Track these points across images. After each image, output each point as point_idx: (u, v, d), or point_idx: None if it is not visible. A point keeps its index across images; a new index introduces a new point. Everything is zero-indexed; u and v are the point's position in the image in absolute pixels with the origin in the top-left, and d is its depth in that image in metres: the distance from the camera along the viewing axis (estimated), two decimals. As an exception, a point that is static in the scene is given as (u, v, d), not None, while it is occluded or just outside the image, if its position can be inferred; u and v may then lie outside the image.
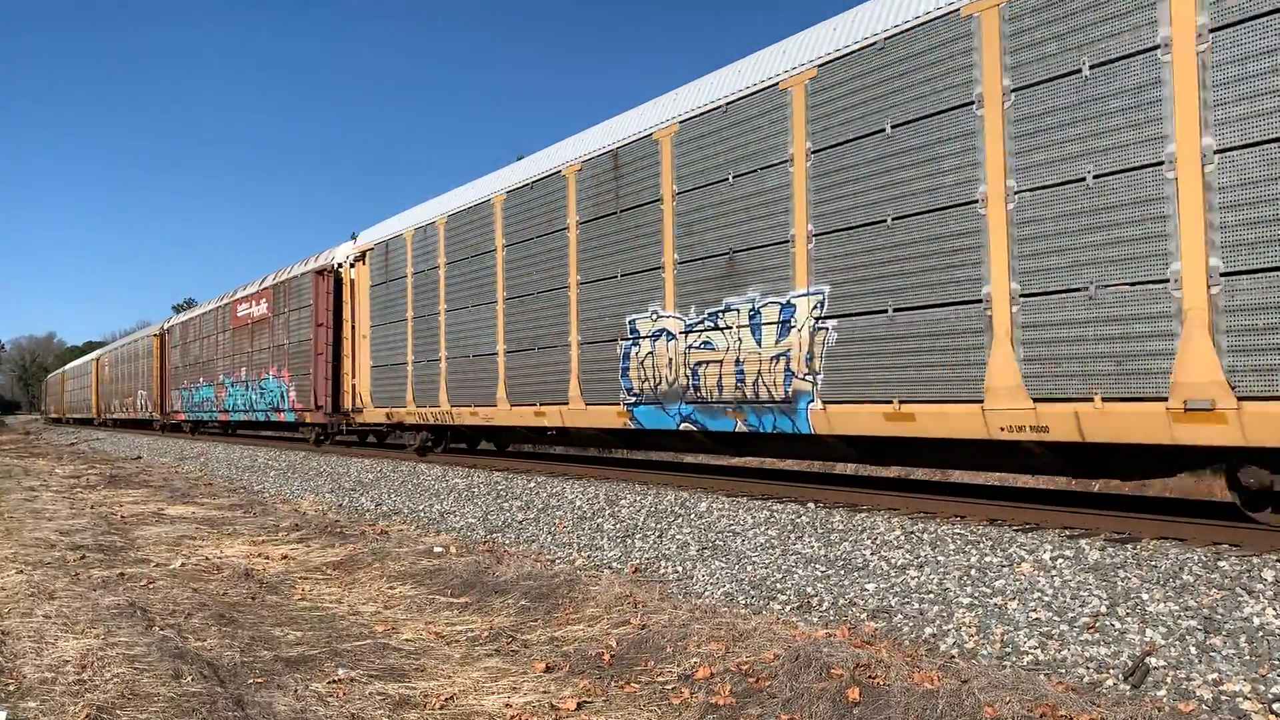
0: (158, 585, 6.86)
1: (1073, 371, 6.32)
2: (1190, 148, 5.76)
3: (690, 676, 4.39)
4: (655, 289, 10.07)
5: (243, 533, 9.57)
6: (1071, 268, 6.34)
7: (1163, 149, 5.90)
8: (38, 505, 12.31)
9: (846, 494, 8.98)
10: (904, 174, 7.44)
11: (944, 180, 7.14)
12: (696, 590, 6.36)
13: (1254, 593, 4.84)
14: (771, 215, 8.67)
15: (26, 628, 5.49)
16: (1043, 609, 5.05)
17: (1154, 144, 5.94)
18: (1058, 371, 6.40)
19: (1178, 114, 5.82)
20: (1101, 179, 6.18)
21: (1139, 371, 5.99)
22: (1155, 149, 5.94)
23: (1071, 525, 6.86)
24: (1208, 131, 5.69)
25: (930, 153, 7.24)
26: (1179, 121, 5.82)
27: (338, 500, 12.37)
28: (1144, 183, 5.99)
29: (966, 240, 6.98)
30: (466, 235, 13.88)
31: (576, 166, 11.34)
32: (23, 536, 9.28)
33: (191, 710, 4.04)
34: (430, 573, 7.04)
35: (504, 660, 4.91)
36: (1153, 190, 5.94)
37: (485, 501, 10.87)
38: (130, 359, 39.92)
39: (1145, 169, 5.98)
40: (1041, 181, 6.51)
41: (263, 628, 5.65)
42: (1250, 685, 3.91)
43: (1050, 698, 3.73)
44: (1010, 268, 6.68)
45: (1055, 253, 6.42)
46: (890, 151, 7.55)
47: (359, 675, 4.65)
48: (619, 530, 8.43)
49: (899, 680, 3.97)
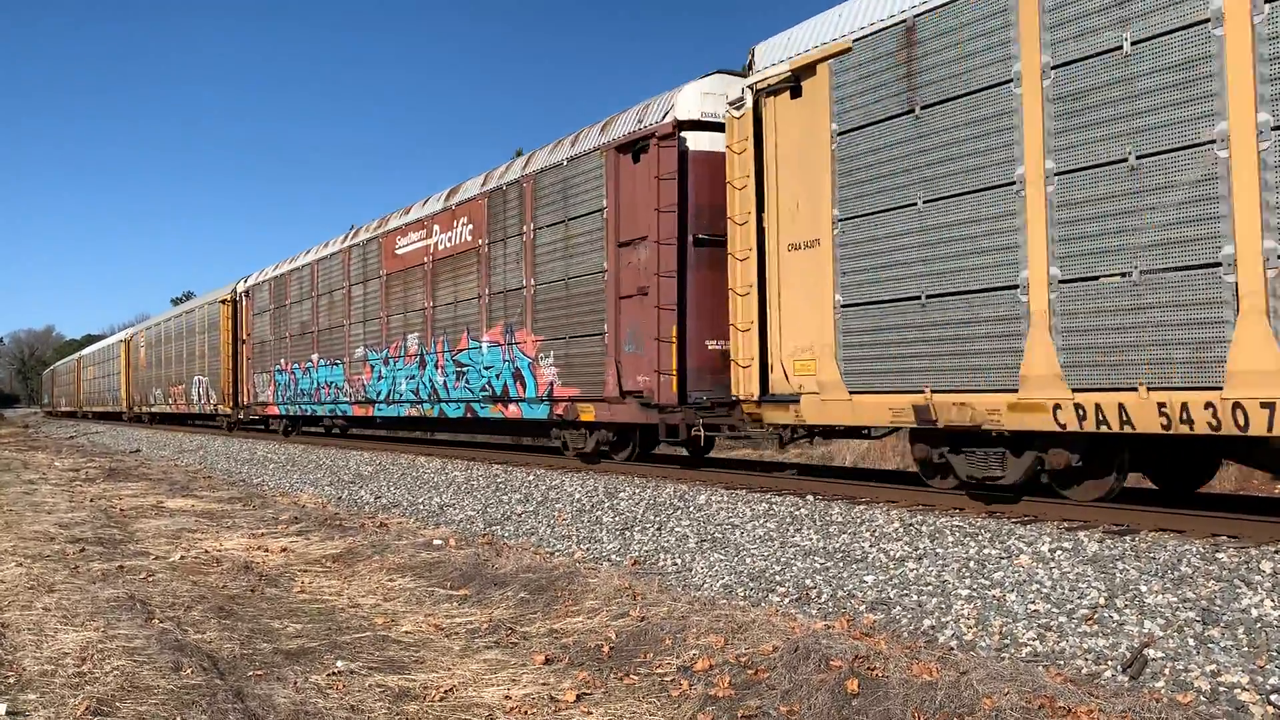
0: (157, 578, 6.87)
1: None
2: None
3: (689, 668, 4.40)
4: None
5: (242, 526, 9.57)
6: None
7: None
8: (37, 498, 12.32)
9: (845, 486, 8.99)
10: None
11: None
12: (695, 582, 6.36)
13: (1252, 584, 4.85)
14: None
15: (26, 620, 5.49)
16: (1041, 601, 5.06)
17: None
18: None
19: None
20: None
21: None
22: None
23: (1070, 517, 6.87)
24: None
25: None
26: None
27: (337, 493, 12.38)
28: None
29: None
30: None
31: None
32: (22, 530, 9.29)
33: (191, 702, 4.05)
34: (430, 565, 7.05)
35: (503, 652, 4.92)
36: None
37: (484, 494, 10.87)
38: (180, 335, 31.45)
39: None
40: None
41: (262, 620, 5.66)
42: (1248, 676, 3.92)
43: (1049, 689, 3.73)
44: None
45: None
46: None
47: (358, 667, 4.65)
48: (618, 523, 8.44)
49: (898, 672, 3.97)
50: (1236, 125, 5.58)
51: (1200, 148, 5.75)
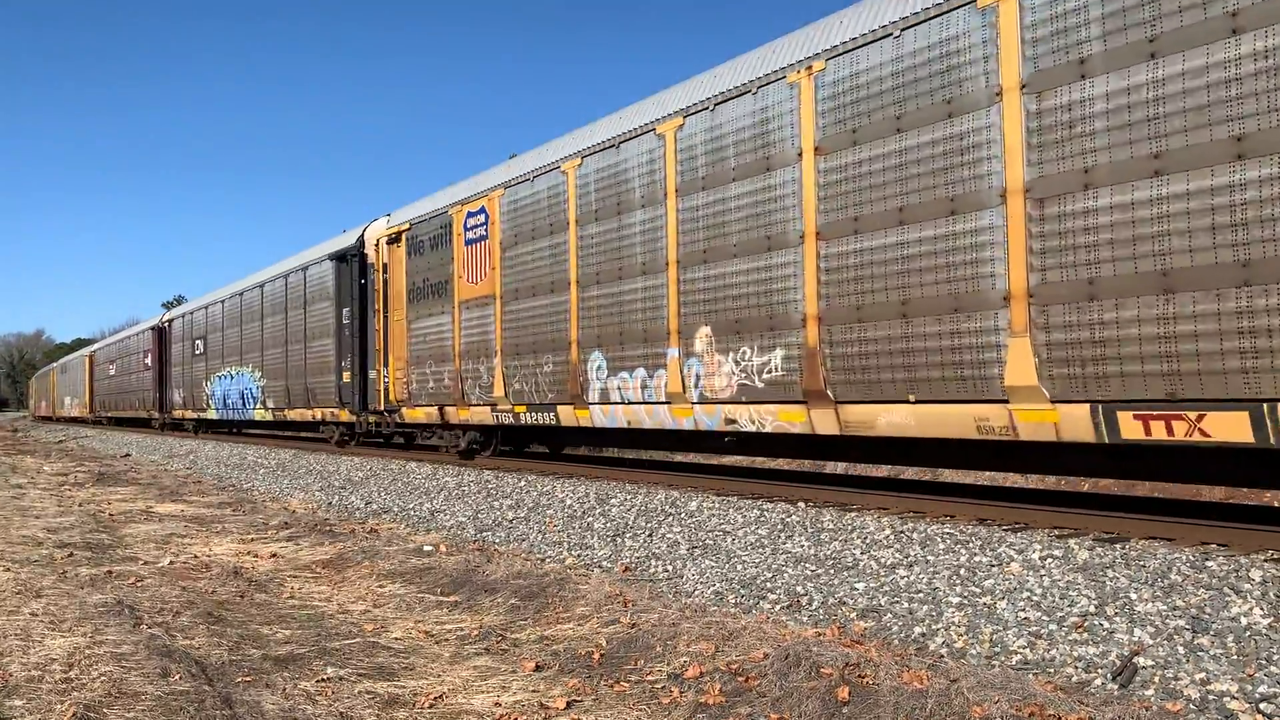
0: (146, 583, 6.83)
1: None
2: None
3: (680, 675, 4.39)
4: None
5: (232, 531, 9.53)
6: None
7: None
8: (25, 503, 12.25)
9: (836, 493, 9.00)
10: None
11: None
12: (686, 589, 6.36)
13: (1241, 593, 4.86)
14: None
15: (13, 625, 5.45)
16: (1031, 608, 5.07)
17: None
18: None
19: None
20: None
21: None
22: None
23: (1060, 525, 6.88)
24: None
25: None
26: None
27: (327, 498, 12.34)
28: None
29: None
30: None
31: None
32: (9, 534, 9.23)
33: (179, 709, 4.02)
34: (420, 571, 7.03)
35: (493, 659, 4.90)
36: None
37: (475, 500, 10.85)
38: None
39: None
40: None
41: (251, 626, 5.63)
42: (1237, 685, 3.93)
43: (1038, 697, 3.74)
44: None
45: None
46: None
47: (348, 674, 4.63)
48: (609, 529, 8.43)
49: (888, 680, 3.97)
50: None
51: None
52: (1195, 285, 5.69)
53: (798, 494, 9.14)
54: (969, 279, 6.90)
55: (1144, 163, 5.92)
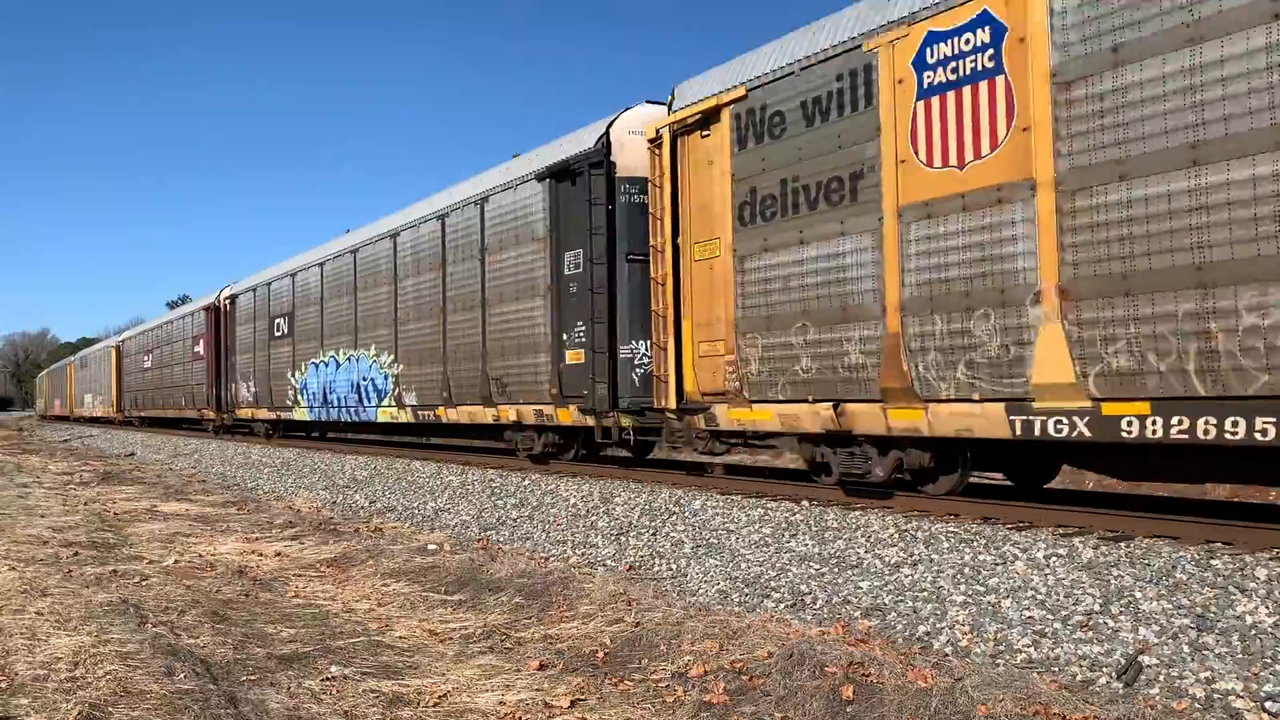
0: (151, 582, 6.84)
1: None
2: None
3: (684, 674, 4.39)
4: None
5: (236, 530, 9.55)
6: None
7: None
8: (30, 502, 12.28)
9: (840, 491, 8.98)
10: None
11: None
12: (690, 588, 6.36)
13: (1246, 591, 4.86)
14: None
15: (19, 625, 5.47)
16: (1036, 607, 5.06)
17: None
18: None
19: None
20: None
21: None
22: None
23: (1065, 524, 6.87)
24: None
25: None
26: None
27: (331, 498, 12.36)
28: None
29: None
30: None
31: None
32: (15, 533, 9.25)
33: (184, 708, 4.03)
34: (424, 570, 7.03)
35: (498, 658, 4.91)
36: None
37: (479, 499, 10.86)
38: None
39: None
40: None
41: (256, 625, 5.64)
42: (1243, 684, 3.92)
43: (1043, 696, 3.73)
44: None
45: None
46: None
47: (352, 673, 4.64)
48: (613, 528, 8.43)
49: (893, 678, 3.97)
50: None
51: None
52: None
53: (802, 493, 9.13)
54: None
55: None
